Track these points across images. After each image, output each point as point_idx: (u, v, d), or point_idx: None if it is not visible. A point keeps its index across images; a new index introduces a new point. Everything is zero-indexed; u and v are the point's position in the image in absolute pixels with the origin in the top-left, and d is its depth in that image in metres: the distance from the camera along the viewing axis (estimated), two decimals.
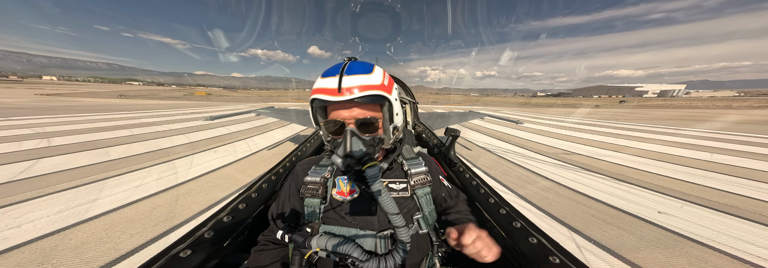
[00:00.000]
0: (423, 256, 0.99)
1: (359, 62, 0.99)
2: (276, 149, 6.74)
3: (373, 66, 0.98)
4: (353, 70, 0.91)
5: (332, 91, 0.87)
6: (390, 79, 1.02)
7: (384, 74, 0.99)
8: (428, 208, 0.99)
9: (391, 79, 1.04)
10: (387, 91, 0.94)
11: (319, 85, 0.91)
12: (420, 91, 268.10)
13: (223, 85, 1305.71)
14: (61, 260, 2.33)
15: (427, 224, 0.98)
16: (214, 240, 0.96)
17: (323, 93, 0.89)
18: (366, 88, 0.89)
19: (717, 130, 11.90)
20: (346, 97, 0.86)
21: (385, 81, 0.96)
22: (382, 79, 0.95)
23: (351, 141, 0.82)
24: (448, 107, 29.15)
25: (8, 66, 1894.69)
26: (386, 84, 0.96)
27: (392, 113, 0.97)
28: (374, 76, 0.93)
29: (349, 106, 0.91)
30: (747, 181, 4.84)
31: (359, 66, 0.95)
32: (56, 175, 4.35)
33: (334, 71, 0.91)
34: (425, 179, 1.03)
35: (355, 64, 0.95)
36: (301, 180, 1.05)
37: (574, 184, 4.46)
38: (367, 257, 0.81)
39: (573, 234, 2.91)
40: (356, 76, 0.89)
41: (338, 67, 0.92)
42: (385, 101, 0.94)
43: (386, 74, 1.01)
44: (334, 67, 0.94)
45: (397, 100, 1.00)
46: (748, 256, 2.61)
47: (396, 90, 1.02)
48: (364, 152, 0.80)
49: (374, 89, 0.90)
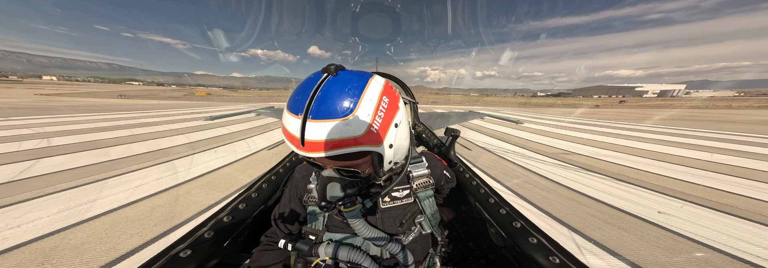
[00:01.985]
0: (424, 255, 0.99)
1: (341, 85, 0.64)
2: (276, 149, 6.74)
3: (363, 90, 0.65)
4: (323, 111, 0.60)
5: (295, 140, 0.62)
6: (390, 106, 0.70)
7: (378, 105, 0.66)
8: (431, 209, 0.98)
9: (393, 103, 0.72)
10: (375, 142, 0.65)
11: (284, 123, 0.66)
12: (420, 91, 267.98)
13: (223, 85, 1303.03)
14: (61, 260, 2.33)
15: (430, 224, 0.97)
16: (214, 240, 0.96)
17: (286, 137, 0.67)
18: (341, 144, 0.61)
19: (717, 131, 11.89)
20: (312, 155, 0.63)
21: (376, 123, 0.64)
22: (371, 121, 0.63)
23: (325, 188, 0.76)
24: (448, 107, 29.14)
25: (8, 66, 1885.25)
26: (376, 128, 0.64)
27: (383, 162, 0.74)
28: (356, 122, 0.61)
29: (321, 160, 0.69)
30: (747, 181, 4.84)
31: (335, 98, 0.61)
32: (56, 175, 4.35)
33: (299, 105, 0.61)
34: (428, 181, 1.00)
35: (333, 93, 0.62)
36: (303, 187, 1.02)
37: (574, 184, 4.46)
38: (377, 266, 0.82)
39: (573, 234, 2.91)
40: (326, 124, 0.59)
41: (305, 95, 0.61)
42: (373, 153, 0.70)
43: (383, 99, 0.68)
44: (303, 92, 0.62)
45: (394, 145, 0.71)
46: (748, 256, 2.60)
47: (395, 126, 0.71)
48: (340, 197, 0.75)
49: (354, 145, 0.62)
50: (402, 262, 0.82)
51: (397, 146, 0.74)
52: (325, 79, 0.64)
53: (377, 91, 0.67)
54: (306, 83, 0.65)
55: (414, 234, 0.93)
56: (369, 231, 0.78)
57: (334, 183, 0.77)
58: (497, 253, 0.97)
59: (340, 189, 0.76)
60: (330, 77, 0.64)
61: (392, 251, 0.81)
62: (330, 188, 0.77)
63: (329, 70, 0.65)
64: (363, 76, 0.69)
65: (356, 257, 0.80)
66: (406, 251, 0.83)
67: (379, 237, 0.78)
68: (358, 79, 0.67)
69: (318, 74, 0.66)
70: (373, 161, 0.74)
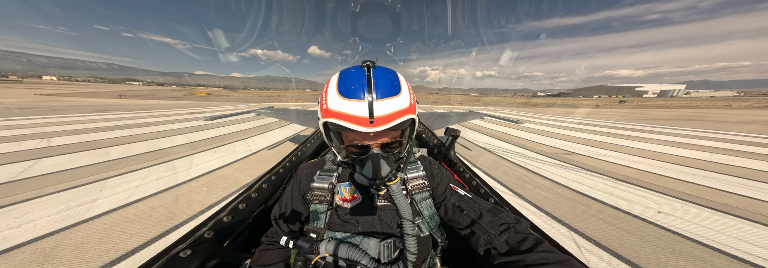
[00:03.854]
0: (424, 257, 0.99)
1: (384, 74, 0.84)
2: (276, 149, 6.74)
3: (398, 77, 0.86)
4: (383, 92, 0.78)
5: (362, 120, 0.76)
6: (410, 88, 0.90)
7: (409, 87, 0.88)
8: (429, 211, 0.98)
9: (410, 87, 0.93)
10: (414, 111, 0.86)
11: (342, 109, 0.79)
12: (420, 91, 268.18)
13: (223, 85, 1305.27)
14: (61, 260, 2.33)
15: (429, 227, 0.97)
16: (214, 240, 0.96)
17: (350, 121, 0.78)
18: (399, 115, 0.79)
19: (717, 131, 11.89)
20: (380, 129, 0.77)
21: (412, 98, 0.86)
22: (410, 97, 0.84)
23: (379, 165, 0.81)
24: (448, 107, 29.15)
25: (8, 66, 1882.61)
26: (413, 102, 0.86)
27: (414, 130, 0.92)
28: (403, 96, 0.82)
29: (379, 136, 0.85)
30: (747, 181, 4.84)
31: (387, 82, 0.81)
32: (56, 175, 4.35)
33: (359, 91, 0.77)
34: (423, 184, 1.00)
35: (382, 79, 0.81)
36: (307, 186, 1.03)
37: (574, 184, 4.46)
38: (375, 265, 0.83)
39: (573, 234, 2.91)
40: (389, 101, 0.78)
41: (361, 84, 0.78)
42: (412, 121, 0.88)
43: (408, 84, 0.90)
44: (357, 82, 0.79)
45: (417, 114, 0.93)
46: (748, 256, 2.60)
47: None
48: (389, 171, 0.82)
49: (406, 114, 0.81)
50: (408, 253, 0.83)
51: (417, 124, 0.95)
52: (370, 70, 0.83)
53: (404, 77, 0.91)
54: (354, 75, 0.83)
55: None
56: (406, 204, 0.84)
57: (382, 160, 0.84)
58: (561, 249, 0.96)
59: (388, 164, 0.84)
60: (372, 69, 0.83)
61: (409, 231, 0.84)
62: (382, 166, 0.82)
63: (369, 65, 0.85)
64: (393, 70, 0.90)
65: (355, 254, 0.82)
66: (415, 244, 0.85)
67: (410, 216, 0.84)
68: (391, 70, 0.89)
69: (358, 68, 0.85)
70: (406, 133, 0.91)
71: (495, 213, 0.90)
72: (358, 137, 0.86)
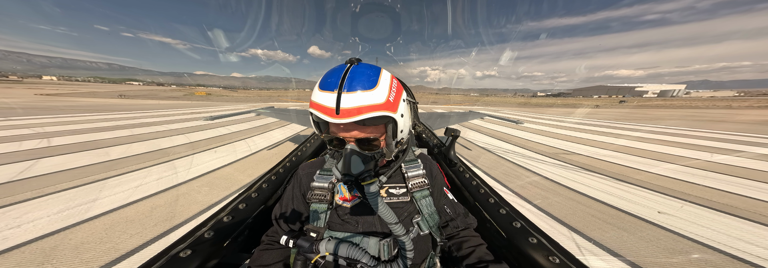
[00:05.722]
0: (424, 256, 0.99)
1: (363, 69, 0.85)
2: (276, 149, 6.74)
3: (379, 74, 0.85)
4: (354, 85, 0.79)
5: (329, 111, 0.78)
6: (398, 88, 0.90)
7: (391, 84, 0.86)
8: (428, 210, 0.99)
9: (400, 87, 0.93)
10: (392, 110, 0.83)
11: (317, 100, 0.82)
12: (420, 91, 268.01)
13: (223, 85, 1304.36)
14: (61, 260, 2.33)
15: (428, 225, 0.98)
16: (214, 240, 0.96)
17: (320, 111, 0.81)
18: (368, 109, 0.78)
19: (717, 131, 11.89)
20: (344, 121, 0.78)
21: (391, 96, 0.84)
22: (388, 94, 0.83)
23: (350, 160, 0.81)
24: (448, 107, 29.15)
25: (8, 66, 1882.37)
26: (392, 100, 0.84)
27: (396, 131, 0.89)
28: (378, 92, 0.80)
29: (349, 128, 0.84)
30: (747, 181, 4.84)
31: (362, 77, 0.81)
32: (56, 175, 4.35)
33: (333, 84, 0.79)
34: (423, 182, 1.02)
35: (358, 74, 0.82)
36: (307, 185, 1.04)
37: (574, 184, 4.46)
38: (375, 263, 0.83)
39: (573, 234, 2.91)
40: (357, 94, 0.78)
41: (338, 77, 0.80)
42: (390, 120, 0.86)
43: (393, 82, 0.89)
44: (334, 76, 0.81)
45: (404, 115, 0.90)
46: (748, 256, 2.60)
47: (403, 101, 0.91)
48: (362, 170, 0.81)
49: (377, 110, 0.79)
50: (405, 251, 0.84)
51: (405, 120, 0.92)
52: (351, 66, 0.84)
53: (389, 75, 0.90)
54: (335, 70, 0.84)
55: (412, 234, 0.93)
56: (386, 209, 0.82)
57: (356, 157, 0.83)
58: (497, 253, 0.97)
59: (362, 162, 0.83)
60: (353, 65, 0.85)
61: (398, 233, 0.82)
62: (354, 161, 0.82)
63: (352, 61, 0.87)
64: (377, 67, 0.90)
65: (355, 253, 0.82)
66: (411, 242, 0.85)
67: (393, 220, 0.81)
68: (374, 67, 0.89)
69: (343, 65, 0.86)
70: (387, 132, 0.89)
71: (463, 217, 1.05)
72: (334, 128, 0.87)
